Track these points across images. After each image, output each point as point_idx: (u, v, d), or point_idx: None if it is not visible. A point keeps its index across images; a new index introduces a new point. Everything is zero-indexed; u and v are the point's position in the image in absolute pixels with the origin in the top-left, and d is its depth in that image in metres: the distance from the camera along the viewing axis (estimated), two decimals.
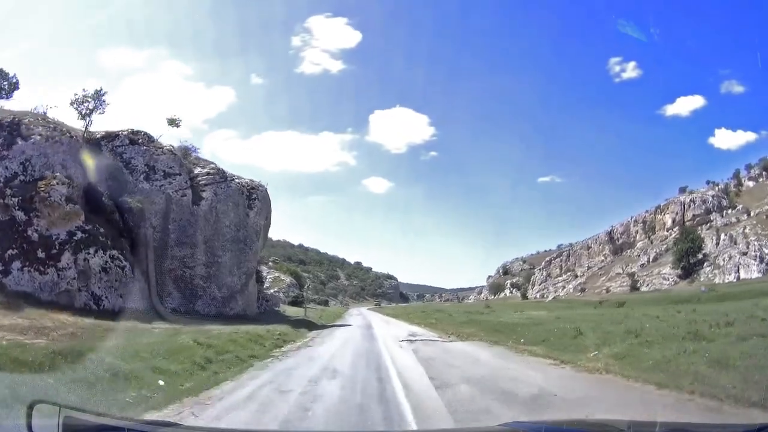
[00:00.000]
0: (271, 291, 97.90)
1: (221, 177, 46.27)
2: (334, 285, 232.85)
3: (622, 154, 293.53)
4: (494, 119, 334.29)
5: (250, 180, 49.08)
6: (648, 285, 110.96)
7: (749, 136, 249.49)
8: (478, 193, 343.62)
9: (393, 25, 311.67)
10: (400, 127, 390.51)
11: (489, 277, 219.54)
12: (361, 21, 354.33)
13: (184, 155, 47.84)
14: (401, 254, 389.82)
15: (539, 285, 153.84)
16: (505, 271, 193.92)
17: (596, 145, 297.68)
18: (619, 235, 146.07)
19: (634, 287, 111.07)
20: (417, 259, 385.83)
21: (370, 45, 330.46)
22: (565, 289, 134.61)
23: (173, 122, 49.61)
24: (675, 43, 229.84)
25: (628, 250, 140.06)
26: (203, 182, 45.24)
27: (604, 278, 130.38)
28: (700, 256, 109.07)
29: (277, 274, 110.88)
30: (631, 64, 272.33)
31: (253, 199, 46.74)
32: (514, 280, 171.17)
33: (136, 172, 42.21)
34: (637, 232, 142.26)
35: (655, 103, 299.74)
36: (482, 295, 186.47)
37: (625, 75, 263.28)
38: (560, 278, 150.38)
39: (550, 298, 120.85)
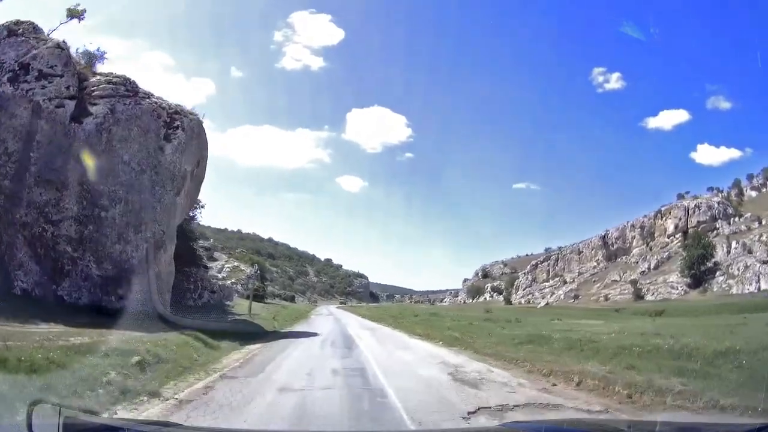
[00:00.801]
0: (229, 282, 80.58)
1: (128, 90, 28.31)
2: (303, 281, 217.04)
3: (599, 165, 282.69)
4: (472, 123, 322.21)
5: (177, 104, 31.02)
6: (653, 294, 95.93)
7: (733, 153, 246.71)
8: (452, 196, 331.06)
9: (377, 25, 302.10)
10: (377, 127, 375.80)
11: (465, 279, 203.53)
12: (345, 19, 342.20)
13: (89, 61, 30.72)
14: (372, 254, 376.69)
15: (523, 290, 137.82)
16: (485, 274, 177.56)
17: (573, 154, 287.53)
18: (614, 240, 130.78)
19: (639, 296, 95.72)
20: (387, 260, 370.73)
21: (353, 43, 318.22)
22: (554, 296, 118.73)
23: (75, 13, 32.44)
24: (662, 57, 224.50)
25: (624, 257, 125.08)
26: (98, 93, 27.35)
27: (598, 285, 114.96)
28: (710, 264, 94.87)
29: (236, 264, 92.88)
30: (615, 75, 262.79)
31: (174, 127, 28.62)
32: (495, 284, 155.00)
33: (2, 70, 25.55)
34: (633, 237, 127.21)
35: (637, 115, 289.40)
36: (459, 298, 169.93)
37: (609, 86, 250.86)
38: (547, 283, 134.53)
39: (541, 304, 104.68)
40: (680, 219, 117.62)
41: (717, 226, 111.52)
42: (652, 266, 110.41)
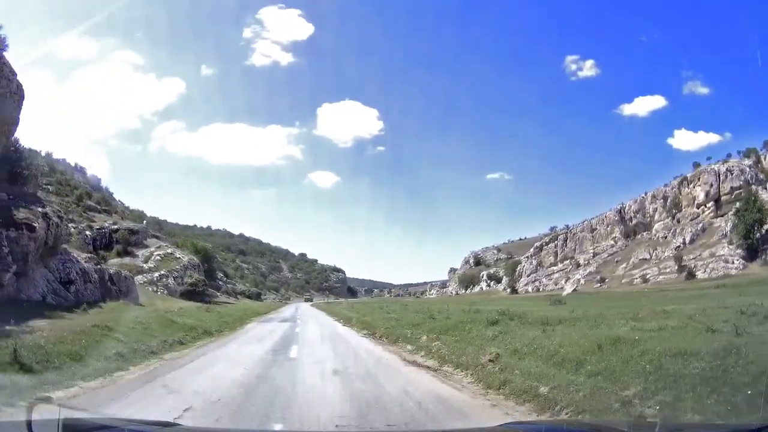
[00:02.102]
0: (156, 274, 56.88)
1: None
2: (276, 278, 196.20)
3: (573, 153, 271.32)
4: (443, 115, 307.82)
5: None
6: (705, 270, 75.05)
7: (711, 138, 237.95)
8: (425, 189, 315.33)
9: (346, 18, 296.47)
10: (349, 121, 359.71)
11: (452, 269, 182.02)
12: (314, 13, 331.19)
13: None
14: (347, 249, 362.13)
15: (527, 276, 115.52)
16: (477, 261, 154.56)
17: (546, 143, 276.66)
18: (632, 214, 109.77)
19: (691, 274, 75.01)
20: (363, 254, 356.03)
21: (322, 37, 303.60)
22: (570, 280, 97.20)
23: None
24: (637, 43, 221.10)
25: (644, 232, 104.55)
26: None
27: (624, 265, 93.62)
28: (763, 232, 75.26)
29: (170, 250, 69.35)
30: (589, 63, 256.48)
31: None
32: (491, 271, 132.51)
33: None
34: (655, 210, 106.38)
35: (612, 103, 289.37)
36: (449, 288, 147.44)
37: (582, 74, 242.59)
38: (556, 267, 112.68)
39: (566, 290, 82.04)
40: (711, 185, 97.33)
41: (753, 191, 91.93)
42: (687, 240, 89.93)
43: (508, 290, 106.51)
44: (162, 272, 58.02)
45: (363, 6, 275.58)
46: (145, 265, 58.70)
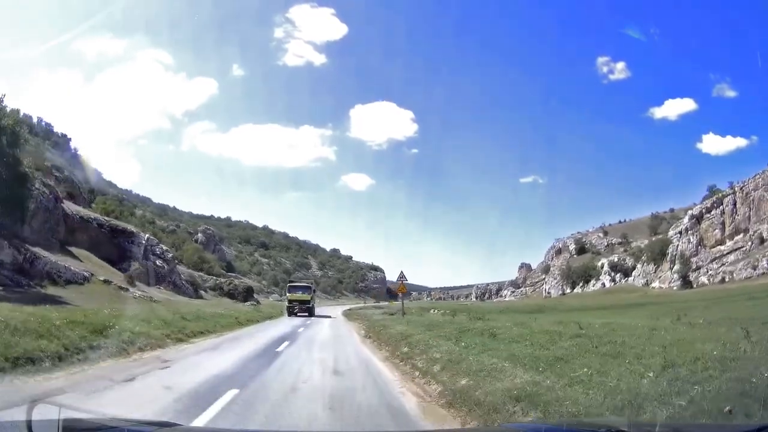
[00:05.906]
0: None
1: None
2: (302, 275, 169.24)
3: (606, 156, 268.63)
4: (477, 117, 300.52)
5: None
6: None
7: (739, 142, 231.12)
8: (458, 192, 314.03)
9: (380, 18, 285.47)
10: (383, 122, 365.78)
11: (523, 265, 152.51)
12: (347, 13, 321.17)
13: None
14: (382, 252, 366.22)
15: (682, 261, 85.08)
16: (581, 248, 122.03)
17: (579, 147, 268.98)
18: None
19: None
20: (398, 257, 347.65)
21: (356, 38, 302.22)
22: None
23: None
24: (667, 45, 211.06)
25: None
26: None
27: None
28: None
29: None
30: (621, 65, 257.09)
31: None
32: (614, 259, 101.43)
33: None
34: None
35: (643, 106, 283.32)
36: (546, 287, 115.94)
37: (614, 76, 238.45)
38: (724, 246, 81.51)
39: None
40: None
41: None
42: None
43: (674, 284, 76.26)
44: None
45: (398, 6, 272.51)
46: None
